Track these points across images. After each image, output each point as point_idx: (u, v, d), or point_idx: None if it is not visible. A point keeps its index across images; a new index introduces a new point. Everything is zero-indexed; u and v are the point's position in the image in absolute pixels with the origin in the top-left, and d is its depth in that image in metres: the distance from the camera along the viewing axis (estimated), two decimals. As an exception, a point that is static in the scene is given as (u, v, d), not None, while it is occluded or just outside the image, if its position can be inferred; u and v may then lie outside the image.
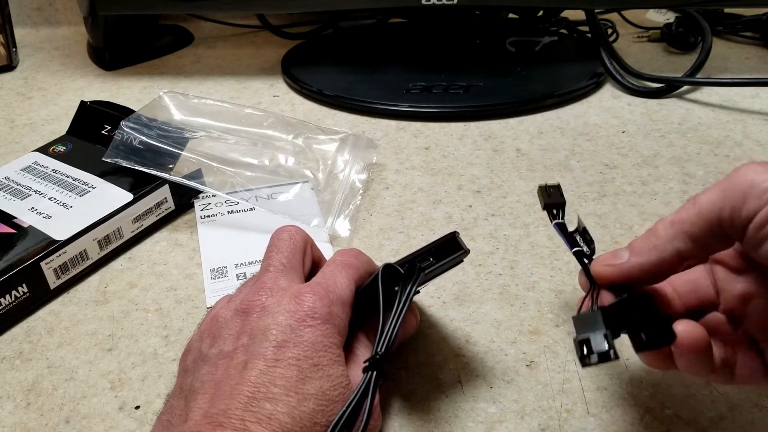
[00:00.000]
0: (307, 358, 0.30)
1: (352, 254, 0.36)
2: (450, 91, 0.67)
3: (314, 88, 0.69)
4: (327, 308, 0.31)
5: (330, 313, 0.31)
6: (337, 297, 0.32)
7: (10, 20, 0.80)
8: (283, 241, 0.36)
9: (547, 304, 0.41)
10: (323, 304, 0.31)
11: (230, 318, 0.33)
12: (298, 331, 0.30)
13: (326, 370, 0.30)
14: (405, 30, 0.86)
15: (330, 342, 0.31)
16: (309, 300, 0.31)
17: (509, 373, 0.37)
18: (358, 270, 0.35)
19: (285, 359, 0.29)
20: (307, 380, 0.29)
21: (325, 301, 0.32)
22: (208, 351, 0.32)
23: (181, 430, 0.28)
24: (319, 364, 0.30)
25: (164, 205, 0.49)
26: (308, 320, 0.31)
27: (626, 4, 0.81)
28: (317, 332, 0.31)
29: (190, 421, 0.28)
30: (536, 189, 0.37)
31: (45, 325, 0.42)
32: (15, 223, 0.44)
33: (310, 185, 0.52)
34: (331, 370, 0.30)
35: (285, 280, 0.34)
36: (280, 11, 0.89)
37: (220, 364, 0.30)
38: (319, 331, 0.31)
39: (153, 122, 0.51)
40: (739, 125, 0.62)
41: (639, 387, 0.36)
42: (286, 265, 0.35)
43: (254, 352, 0.30)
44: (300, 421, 0.28)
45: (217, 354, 0.31)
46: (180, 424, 0.29)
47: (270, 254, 0.36)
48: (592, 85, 0.69)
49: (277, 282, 0.33)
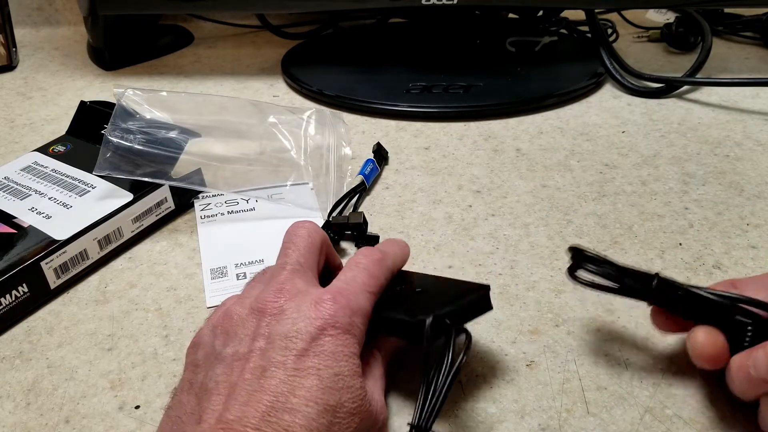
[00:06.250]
0: (327, 368, 0.29)
1: (375, 259, 0.35)
2: (450, 91, 0.67)
3: (314, 88, 0.69)
4: (348, 318, 0.31)
5: (351, 323, 0.31)
6: (358, 307, 0.32)
7: (10, 20, 0.80)
8: (300, 238, 0.35)
9: (547, 303, 0.41)
10: (344, 314, 0.31)
11: (245, 316, 0.32)
12: (318, 340, 0.30)
13: (346, 381, 0.29)
14: (405, 30, 0.86)
15: (350, 352, 0.30)
16: (330, 308, 0.31)
17: (509, 373, 0.37)
18: (379, 280, 0.34)
19: (305, 369, 0.29)
20: (327, 391, 0.28)
21: (347, 311, 0.31)
22: (222, 349, 0.31)
23: (195, 431, 0.28)
24: (339, 374, 0.29)
25: (164, 204, 0.49)
26: (329, 329, 0.30)
27: (626, 4, 0.81)
28: (337, 342, 0.30)
29: (204, 423, 0.28)
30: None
31: (45, 324, 0.42)
32: (15, 223, 0.44)
33: (310, 185, 0.52)
34: (351, 381, 0.29)
35: (302, 281, 0.33)
36: (280, 11, 0.89)
37: (235, 366, 0.30)
38: (339, 341, 0.30)
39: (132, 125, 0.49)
40: (739, 125, 0.62)
41: (639, 387, 0.36)
42: (303, 264, 0.34)
43: (273, 360, 0.29)
44: None
45: (232, 354, 0.30)
46: (192, 424, 0.29)
47: (286, 251, 0.35)
48: (592, 85, 0.69)
49: (294, 283, 0.32)
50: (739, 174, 0.54)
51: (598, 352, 0.38)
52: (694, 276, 0.43)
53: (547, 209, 0.50)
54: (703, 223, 0.48)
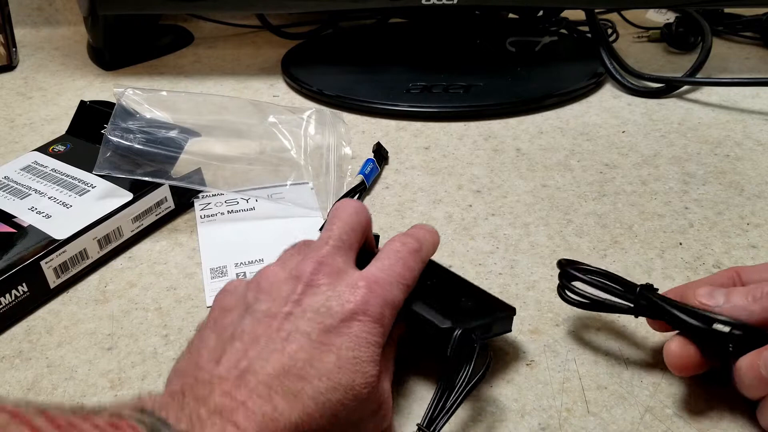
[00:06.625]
0: (348, 349, 0.30)
1: (412, 249, 0.35)
2: (450, 91, 0.67)
3: (314, 88, 0.69)
4: (379, 308, 0.32)
5: (381, 314, 0.32)
6: (392, 299, 0.32)
7: (10, 20, 0.80)
8: (348, 215, 0.36)
9: (547, 303, 0.41)
10: (377, 304, 0.32)
11: (283, 279, 0.33)
12: (347, 322, 0.31)
13: (363, 366, 0.30)
14: (405, 30, 0.86)
15: (374, 341, 0.31)
16: (365, 295, 0.31)
17: (509, 372, 0.37)
18: (414, 272, 0.35)
19: (328, 344, 0.30)
20: (342, 370, 0.29)
21: (380, 300, 0.32)
22: (253, 303, 0.32)
23: (210, 371, 0.29)
24: (358, 358, 0.30)
25: (164, 204, 0.49)
26: (360, 315, 0.31)
27: (626, 4, 0.81)
28: (365, 328, 0.31)
29: (221, 366, 0.29)
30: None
31: (45, 324, 0.41)
32: (15, 222, 0.44)
33: (309, 185, 0.52)
34: (367, 367, 0.30)
35: (341, 258, 0.34)
36: (280, 11, 0.89)
37: (263, 321, 0.31)
38: (367, 327, 0.31)
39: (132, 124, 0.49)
40: (739, 125, 0.62)
41: (639, 386, 0.35)
42: (345, 241, 0.35)
43: (300, 327, 0.30)
44: (322, 408, 0.28)
45: (263, 311, 0.31)
46: (211, 362, 0.30)
47: (331, 225, 0.35)
48: (592, 85, 0.69)
49: (334, 259, 0.33)
50: (739, 174, 0.54)
51: (599, 351, 0.38)
52: (695, 276, 0.43)
53: (547, 209, 0.50)
54: (704, 223, 0.48)
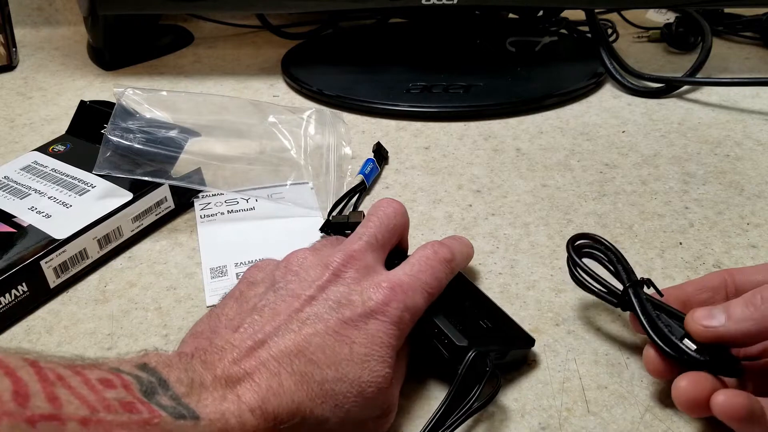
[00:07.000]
0: (362, 345, 0.31)
1: (443, 258, 0.35)
2: (450, 91, 0.67)
3: (314, 88, 0.69)
4: (400, 312, 0.32)
5: (400, 317, 0.32)
6: (413, 305, 0.33)
7: (10, 20, 0.80)
8: (387, 216, 0.37)
9: (547, 303, 0.41)
10: (398, 307, 0.32)
11: (313, 264, 0.34)
12: (365, 318, 0.31)
13: (372, 365, 0.30)
14: (405, 30, 0.86)
15: (389, 342, 0.31)
16: (386, 296, 0.32)
17: (509, 371, 0.37)
18: (441, 282, 0.35)
19: (343, 335, 0.30)
20: (351, 364, 0.30)
21: (401, 305, 0.32)
22: (280, 281, 0.33)
23: (225, 338, 0.30)
24: (369, 356, 0.30)
25: (164, 204, 0.49)
26: (378, 315, 0.31)
27: (626, 4, 0.81)
28: (381, 328, 0.31)
29: (237, 334, 0.30)
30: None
31: (44, 324, 0.41)
32: (15, 222, 0.44)
33: (309, 185, 0.52)
34: (377, 366, 0.31)
35: (372, 256, 0.35)
36: (280, 11, 0.89)
37: (286, 300, 0.32)
38: (384, 327, 0.31)
39: (132, 124, 0.49)
40: (739, 125, 0.62)
41: (639, 385, 0.35)
42: (379, 240, 0.36)
43: (319, 313, 0.31)
44: (325, 396, 0.29)
45: (288, 290, 0.32)
46: (228, 329, 0.31)
47: (368, 223, 0.36)
48: (592, 85, 0.69)
49: (365, 256, 0.34)
50: (739, 173, 0.54)
51: (599, 351, 0.38)
52: (695, 275, 0.43)
53: (547, 209, 0.50)
54: (704, 223, 0.48)
